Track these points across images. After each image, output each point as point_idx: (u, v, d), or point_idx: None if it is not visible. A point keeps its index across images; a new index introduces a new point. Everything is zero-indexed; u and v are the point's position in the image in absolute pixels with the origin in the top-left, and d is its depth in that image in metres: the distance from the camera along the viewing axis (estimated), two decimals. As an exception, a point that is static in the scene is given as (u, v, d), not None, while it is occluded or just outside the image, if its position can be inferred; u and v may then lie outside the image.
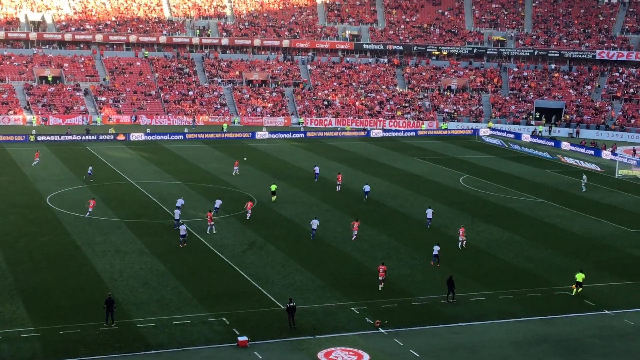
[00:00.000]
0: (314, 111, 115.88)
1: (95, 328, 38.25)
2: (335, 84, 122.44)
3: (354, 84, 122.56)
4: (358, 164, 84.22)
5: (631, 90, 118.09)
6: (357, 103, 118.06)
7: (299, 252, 52.00)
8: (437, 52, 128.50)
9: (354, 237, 54.75)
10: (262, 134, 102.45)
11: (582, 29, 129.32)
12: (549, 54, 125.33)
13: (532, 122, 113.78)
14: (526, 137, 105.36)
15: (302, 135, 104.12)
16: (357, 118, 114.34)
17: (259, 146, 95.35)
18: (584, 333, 40.07)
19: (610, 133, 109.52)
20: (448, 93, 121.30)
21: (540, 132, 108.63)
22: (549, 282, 47.47)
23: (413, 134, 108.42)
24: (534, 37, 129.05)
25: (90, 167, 73.36)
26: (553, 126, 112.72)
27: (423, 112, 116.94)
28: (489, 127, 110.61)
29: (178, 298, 42.86)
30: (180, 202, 60.20)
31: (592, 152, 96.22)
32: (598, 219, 63.60)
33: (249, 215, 59.63)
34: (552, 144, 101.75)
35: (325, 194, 69.01)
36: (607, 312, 43.09)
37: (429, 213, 59.87)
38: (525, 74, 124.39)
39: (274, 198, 65.84)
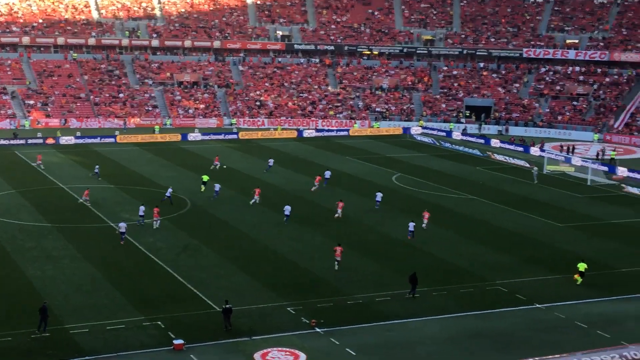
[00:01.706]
0: (247, 112, 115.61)
1: (27, 335, 37.57)
2: (267, 84, 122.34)
3: (286, 84, 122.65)
4: (291, 164, 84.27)
5: (557, 87, 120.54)
6: (289, 103, 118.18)
7: (234, 253, 51.84)
8: (368, 52, 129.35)
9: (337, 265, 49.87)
10: (194, 136, 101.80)
11: (509, 28, 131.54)
12: (478, 53, 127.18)
13: (463, 120, 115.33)
14: (457, 135, 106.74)
15: (235, 136, 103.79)
16: (289, 118, 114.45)
17: (192, 148, 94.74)
18: (516, 327, 40.79)
19: (538, 130, 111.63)
20: (380, 92, 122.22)
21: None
22: (482, 278, 48.19)
23: (345, 133, 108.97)
24: (463, 36, 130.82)
25: (97, 166, 75.76)
26: (483, 124, 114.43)
27: (355, 111, 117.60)
28: (420, 126, 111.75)
29: (112, 303, 42.36)
30: (217, 187, 66.24)
31: (521, 148, 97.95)
32: (528, 214, 64.79)
33: (254, 200, 64.00)
34: (482, 141, 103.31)
35: (260, 194, 68.80)
36: (538, 305, 43.93)
37: (378, 196, 63.83)
38: (454, 72, 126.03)
39: (203, 188, 66.46)
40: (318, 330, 39.58)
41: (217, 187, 67.69)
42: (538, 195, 72.55)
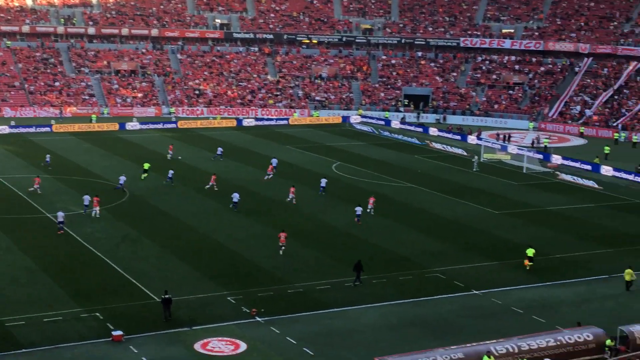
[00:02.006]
0: (186, 101, 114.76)
1: (-38, 329, 36.95)
2: (206, 73, 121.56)
3: (225, 73, 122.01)
4: (231, 153, 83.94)
5: (494, 76, 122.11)
6: (228, 92, 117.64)
7: (173, 244, 51.54)
8: (307, 41, 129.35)
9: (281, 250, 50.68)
10: (132, 125, 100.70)
11: (446, 18, 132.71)
12: (416, 42, 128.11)
13: (402, 109, 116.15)
14: (395, 124, 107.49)
15: (174, 125, 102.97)
16: (229, 107, 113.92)
17: (130, 137, 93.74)
18: (454, 313, 41.39)
19: (475, 118, 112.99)
20: (319, 81, 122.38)
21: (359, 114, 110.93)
22: (421, 265, 48.73)
23: (285, 122, 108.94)
24: (401, 25, 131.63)
25: (48, 156, 74.35)
26: (421, 112, 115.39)
27: (295, 100, 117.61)
28: (359, 115, 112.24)
29: (49, 295, 41.81)
30: (122, 179, 65.16)
31: (458, 137, 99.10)
32: (465, 202, 65.62)
33: (291, 199, 62.80)
34: (420, 130, 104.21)
35: (199, 183, 68.47)
36: (475, 292, 44.61)
37: (323, 182, 65.84)
38: (393, 61, 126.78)
39: (144, 176, 67.13)
40: (258, 319, 39.63)
41: (171, 173, 68.44)
42: (475, 183, 73.51)
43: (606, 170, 78.74)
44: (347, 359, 35.63)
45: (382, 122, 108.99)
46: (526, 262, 48.84)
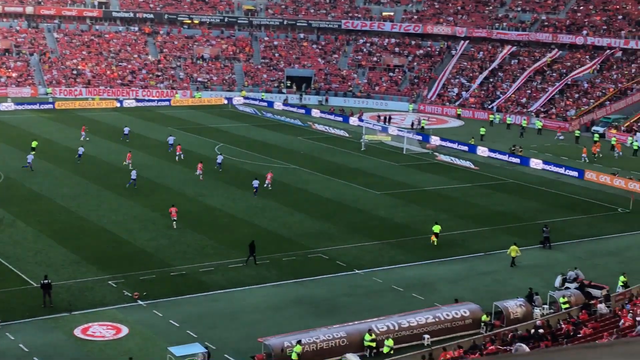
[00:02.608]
0: (63, 81, 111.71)
1: None
2: (84, 52, 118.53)
3: (104, 52, 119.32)
4: (111, 134, 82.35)
5: (375, 59, 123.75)
6: (108, 72, 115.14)
7: (51, 227, 50.33)
8: (189, 21, 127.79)
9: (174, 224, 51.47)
10: (7, 106, 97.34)
11: (328, 0, 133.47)
12: (298, 24, 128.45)
13: (284, 91, 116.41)
14: (278, 106, 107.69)
15: (51, 106, 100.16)
16: (109, 88, 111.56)
17: (4, 118, 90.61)
18: (337, 293, 41.99)
19: (357, 100, 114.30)
20: (201, 62, 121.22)
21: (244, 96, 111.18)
22: (304, 246, 49.15)
23: (167, 103, 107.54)
24: (283, 6, 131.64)
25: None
26: (303, 94, 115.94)
27: (176, 81, 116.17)
28: (242, 96, 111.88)
29: None
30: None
31: (340, 118, 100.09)
32: (347, 182, 66.45)
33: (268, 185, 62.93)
34: (303, 111, 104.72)
35: (76, 166, 67.00)
36: (357, 271, 45.34)
37: (219, 159, 68.79)
38: (275, 43, 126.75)
39: (32, 153, 67.46)
40: (141, 302, 39.22)
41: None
42: (357, 164, 74.47)
43: (482, 151, 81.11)
44: (231, 340, 35.69)
45: (265, 104, 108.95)
46: (432, 237, 50.29)
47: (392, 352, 34.68)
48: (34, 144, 70.62)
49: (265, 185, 62.03)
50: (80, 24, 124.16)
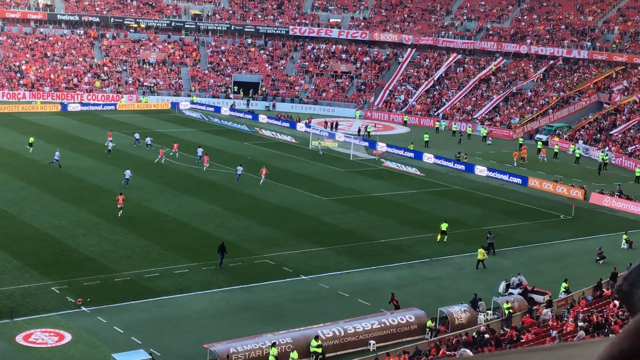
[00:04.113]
0: (6, 84, 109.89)
1: None
2: (28, 55, 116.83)
3: (48, 54, 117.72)
4: (54, 139, 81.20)
5: (322, 65, 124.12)
6: (52, 76, 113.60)
7: (-7, 232, 49.47)
8: (136, 25, 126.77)
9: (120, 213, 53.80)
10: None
11: (275, 6, 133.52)
12: (246, 29, 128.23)
13: (231, 96, 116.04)
14: (225, 111, 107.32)
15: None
16: (53, 91, 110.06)
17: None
18: (283, 298, 41.96)
19: (304, 106, 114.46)
20: (147, 66, 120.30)
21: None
22: (250, 252, 49.04)
23: (113, 107, 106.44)
24: (231, 12, 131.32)
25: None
26: (251, 99, 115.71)
27: (122, 85, 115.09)
28: (193, 101, 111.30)
29: None
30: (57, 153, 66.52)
31: (287, 124, 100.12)
32: (294, 188, 66.47)
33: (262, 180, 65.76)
34: (250, 117, 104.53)
35: (20, 170, 65.99)
36: (304, 277, 45.37)
37: (200, 151, 73.71)
38: (223, 48, 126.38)
39: (31, 150, 69.66)
40: (84, 309, 38.74)
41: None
42: (303, 170, 74.54)
43: (428, 157, 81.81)
44: (176, 346, 35.44)
45: (212, 109, 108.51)
46: (439, 235, 52.48)
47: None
48: (31, 139, 73.56)
49: (261, 181, 65.25)
50: (24, 26, 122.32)
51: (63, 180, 63.38)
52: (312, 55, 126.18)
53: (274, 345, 33.82)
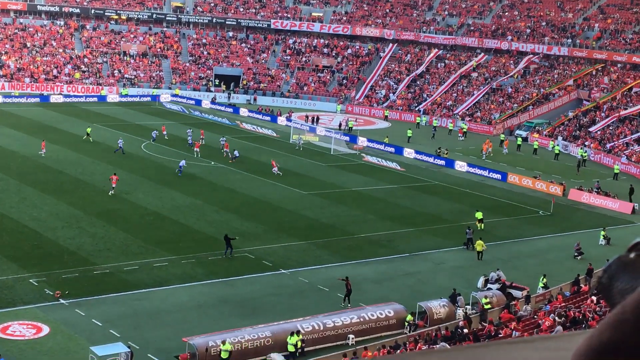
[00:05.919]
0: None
1: None
2: (7, 46, 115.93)
3: (28, 45, 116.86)
4: (34, 130, 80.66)
5: (304, 59, 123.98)
6: (32, 67, 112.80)
7: (-30, 224, 49.14)
8: (116, 17, 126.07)
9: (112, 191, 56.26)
10: None
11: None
12: (227, 22, 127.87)
13: (212, 89, 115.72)
14: (206, 104, 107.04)
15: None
16: (33, 82, 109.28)
17: None
18: (262, 292, 41.95)
19: (285, 100, 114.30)
20: (128, 58, 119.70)
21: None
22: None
23: (94, 99, 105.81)
24: (212, 4, 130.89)
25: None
26: (232, 93, 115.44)
27: (103, 77, 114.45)
28: (176, 94, 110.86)
29: None
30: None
31: (268, 118, 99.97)
32: (274, 182, 66.40)
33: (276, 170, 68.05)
34: (231, 110, 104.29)
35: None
36: (283, 271, 45.38)
37: (120, 142, 72.86)
38: (204, 41, 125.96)
39: (91, 139, 71.27)
40: (63, 301, 38.56)
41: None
42: (284, 164, 74.34)
43: (408, 152, 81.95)
44: (154, 339, 35.36)
45: (193, 102, 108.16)
46: (477, 223, 55.11)
47: (230, 357, 33.35)
48: (89, 130, 77.42)
49: (275, 172, 67.75)
50: (4, 17, 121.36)
51: (42, 172, 63.02)
52: (293, 49, 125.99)
53: (224, 343, 33.18)
